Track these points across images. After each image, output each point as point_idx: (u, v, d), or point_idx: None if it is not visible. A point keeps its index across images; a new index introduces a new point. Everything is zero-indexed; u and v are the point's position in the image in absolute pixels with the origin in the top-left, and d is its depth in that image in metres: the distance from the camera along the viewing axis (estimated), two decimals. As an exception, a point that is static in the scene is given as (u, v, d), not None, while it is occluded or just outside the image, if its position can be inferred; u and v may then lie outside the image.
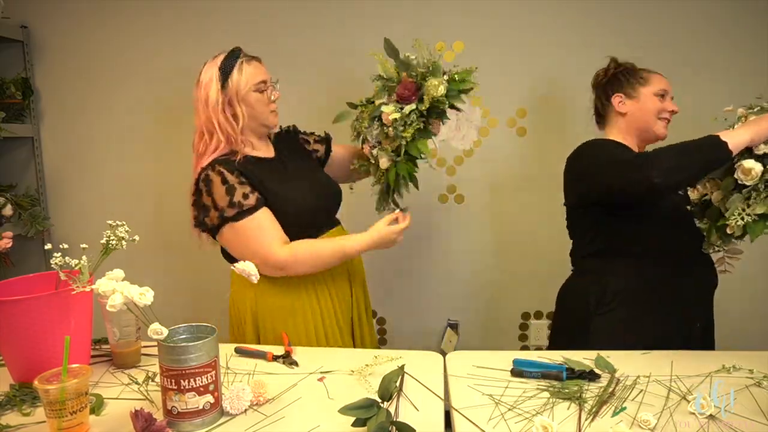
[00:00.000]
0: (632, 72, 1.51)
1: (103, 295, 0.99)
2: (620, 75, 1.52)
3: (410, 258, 2.23)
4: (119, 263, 1.17)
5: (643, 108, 1.48)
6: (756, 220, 1.19)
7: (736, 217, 1.21)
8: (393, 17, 2.08)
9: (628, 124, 1.51)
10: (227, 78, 1.40)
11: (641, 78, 1.49)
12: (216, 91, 1.39)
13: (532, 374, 1.15)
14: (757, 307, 2.14)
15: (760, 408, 1.02)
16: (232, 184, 1.35)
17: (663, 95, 1.47)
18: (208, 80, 1.41)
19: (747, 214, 1.20)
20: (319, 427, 0.98)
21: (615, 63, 1.57)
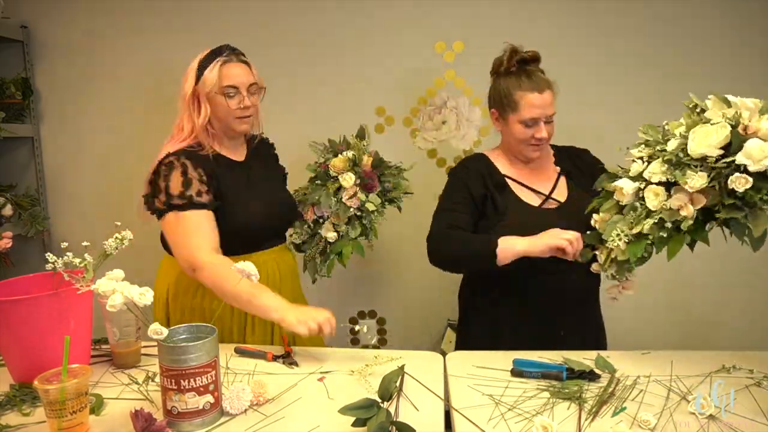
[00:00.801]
0: (509, 87, 1.42)
1: (103, 295, 0.99)
2: (501, 83, 1.44)
3: (410, 258, 2.22)
4: (118, 263, 1.17)
5: (509, 133, 1.46)
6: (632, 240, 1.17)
7: (614, 238, 1.19)
8: (393, 17, 2.08)
9: (503, 140, 1.53)
10: (201, 74, 1.41)
11: (512, 102, 1.41)
12: (190, 85, 1.42)
13: (532, 374, 1.15)
14: (757, 307, 2.14)
15: (760, 408, 1.02)
16: (190, 178, 1.36)
17: (532, 125, 1.40)
18: (188, 72, 1.44)
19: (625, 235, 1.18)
20: (319, 427, 0.98)
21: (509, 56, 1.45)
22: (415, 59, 2.09)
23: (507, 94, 1.42)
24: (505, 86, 1.43)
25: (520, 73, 1.43)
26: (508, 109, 1.42)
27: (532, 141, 1.42)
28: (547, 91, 1.40)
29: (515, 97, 1.40)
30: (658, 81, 2.03)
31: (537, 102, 1.39)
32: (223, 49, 1.43)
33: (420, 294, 2.26)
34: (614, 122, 1.98)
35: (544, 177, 1.51)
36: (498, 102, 1.46)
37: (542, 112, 1.39)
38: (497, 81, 1.47)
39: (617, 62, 2.04)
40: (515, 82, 1.41)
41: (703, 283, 2.12)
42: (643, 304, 2.11)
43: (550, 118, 1.42)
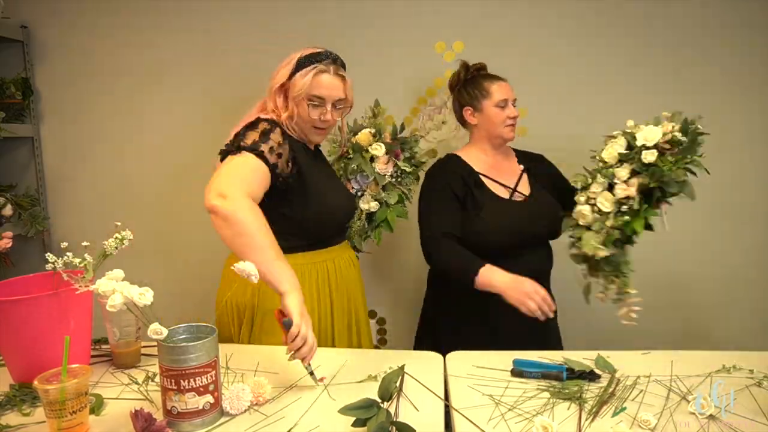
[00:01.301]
0: (476, 84, 1.66)
1: (103, 295, 0.99)
2: (467, 87, 1.67)
3: (410, 258, 2.22)
4: (118, 263, 1.17)
5: (488, 119, 1.65)
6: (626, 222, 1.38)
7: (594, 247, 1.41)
8: (393, 17, 2.08)
9: (480, 132, 1.69)
10: (295, 72, 1.40)
11: (484, 91, 1.64)
12: (281, 78, 1.42)
13: (532, 374, 1.15)
14: (757, 307, 2.14)
15: (760, 408, 1.02)
16: (268, 137, 1.33)
17: (503, 105, 1.63)
18: (285, 63, 1.44)
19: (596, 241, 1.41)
20: (319, 427, 0.98)
21: (464, 69, 1.70)
22: (415, 59, 2.09)
23: (477, 87, 1.65)
24: (473, 85, 1.67)
25: (479, 76, 1.68)
26: (482, 99, 1.64)
27: (507, 121, 1.64)
28: (505, 81, 1.67)
29: (485, 87, 1.64)
30: (657, 81, 2.03)
31: (506, 87, 1.65)
32: (324, 56, 1.42)
33: (420, 294, 2.25)
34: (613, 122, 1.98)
35: (510, 172, 1.69)
36: (470, 99, 1.67)
37: (510, 95, 1.65)
38: (461, 89, 1.70)
39: (617, 61, 2.04)
40: (481, 80, 1.66)
41: (703, 283, 2.12)
42: (643, 305, 2.11)
43: (514, 102, 1.66)
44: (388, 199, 1.75)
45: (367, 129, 1.76)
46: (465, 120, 1.71)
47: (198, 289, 2.30)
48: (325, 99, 1.41)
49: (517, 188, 1.66)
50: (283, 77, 1.42)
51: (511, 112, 1.64)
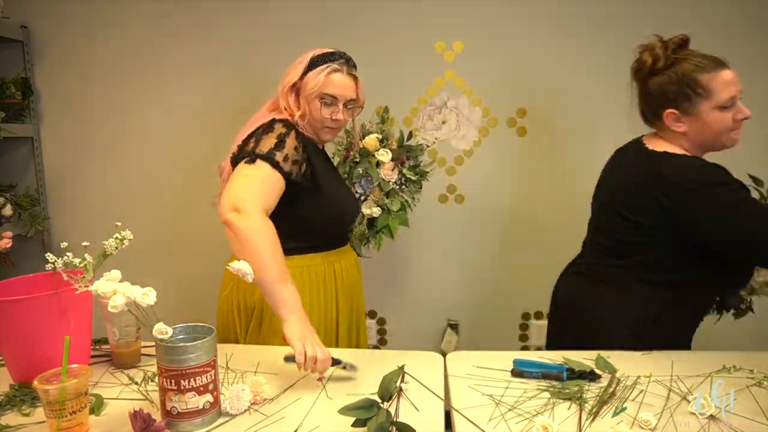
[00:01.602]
0: (687, 77, 1.22)
1: (103, 296, 0.99)
2: (670, 79, 1.24)
3: (410, 258, 2.23)
4: (118, 263, 1.17)
5: (705, 127, 1.23)
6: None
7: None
8: (393, 17, 2.08)
9: (690, 141, 1.27)
10: (308, 72, 1.41)
11: (700, 88, 1.20)
12: (294, 75, 1.41)
13: (533, 374, 1.15)
14: (757, 307, 2.14)
15: (761, 408, 1.02)
16: (284, 142, 1.31)
17: (730, 105, 1.21)
18: (299, 62, 1.43)
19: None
20: (319, 427, 0.98)
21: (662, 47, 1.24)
22: (415, 59, 2.09)
23: (689, 84, 1.21)
24: (680, 76, 1.22)
25: (686, 57, 1.23)
26: (697, 100, 1.21)
27: (733, 127, 1.23)
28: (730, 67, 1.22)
29: (703, 82, 1.20)
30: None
31: (730, 77, 1.20)
32: (338, 56, 1.43)
33: (420, 294, 2.26)
34: (613, 122, 1.98)
35: None
36: (675, 98, 1.23)
37: (738, 89, 1.21)
38: (658, 79, 1.26)
39: (617, 61, 2.03)
40: (692, 67, 1.21)
41: (704, 283, 2.12)
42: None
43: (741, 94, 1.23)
44: (391, 205, 1.74)
45: (375, 134, 1.76)
46: (662, 123, 1.28)
47: (198, 290, 2.30)
48: (338, 98, 1.41)
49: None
50: (295, 76, 1.41)
51: (739, 113, 1.21)
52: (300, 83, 1.41)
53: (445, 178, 2.18)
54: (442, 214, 2.19)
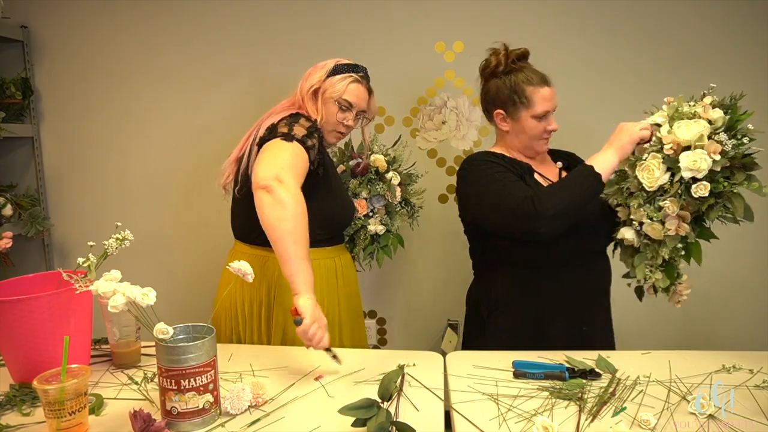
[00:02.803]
0: (516, 87, 1.41)
1: (103, 296, 0.99)
2: (504, 85, 1.42)
3: (410, 258, 2.23)
4: (118, 263, 1.17)
5: (522, 130, 1.44)
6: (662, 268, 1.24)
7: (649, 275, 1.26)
8: (393, 17, 2.08)
9: (510, 140, 1.48)
10: (330, 76, 1.49)
11: (525, 98, 1.40)
12: (319, 79, 1.48)
13: (535, 376, 1.15)
14: (756, 307, 2.14)
15: (760, 408, 1.02)
16: (312, 134, 1.37)
17: (544, 117, 1.41)
18: (320, 67, 1.51)
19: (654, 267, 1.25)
20: (319, 427, 0.98)
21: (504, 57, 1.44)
22: (415, 59, 2.09)
23: (517, 92, 1.41)
24: (512, 84, 1.41)
25: (520, 69, 1.43)
26: (520, 107, 1.41)
27: (544, 135, 1.44)
28: (551, 86, 1.43)
29: (527, 93, 1.40)
30: (658, 78, 2.03)
31: (549, 95, 1.41)
32: (360, 69, 1.54)
33: (420, 294, 2.26)
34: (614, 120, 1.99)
35: (549, 171, 1.52)
36: (505, 101, 1.43)
37: (553, 105, 1.42)
38: (496, 81, 1.45)
39: (618, 60, 2.04)
40: (523, 78, 1.41)
41: (703, 283, 2.12)
42: (644, 305, 2.11)
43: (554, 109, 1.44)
44: (391, 226, 1.81)
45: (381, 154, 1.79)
46: (493, 119, 1.50)
47: (198, 290, 2.30)
48: (353, 105, 1.51)
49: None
50: (318, 80, 1.48)
51: (550, 125, 1.43)
52: (321, 86, 1.48)
53: (445, 178, 2.17)
54: (442, 214, 2.19)
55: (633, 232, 1.27)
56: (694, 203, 1.16)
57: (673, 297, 1.33)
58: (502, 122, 1.47)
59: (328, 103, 1.48)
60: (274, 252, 1.20)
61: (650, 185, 1.18)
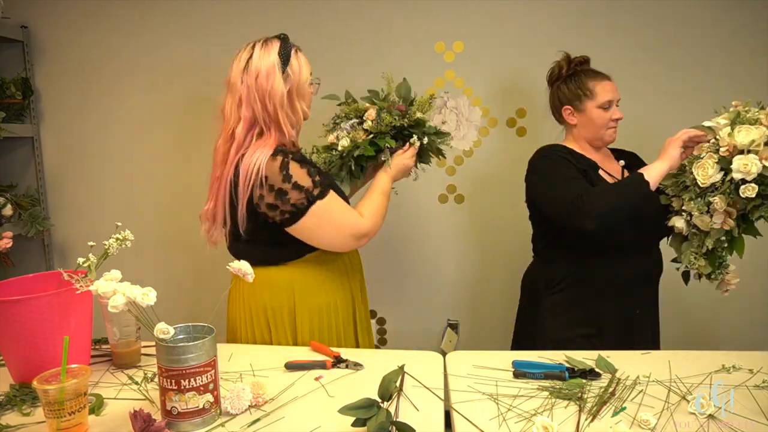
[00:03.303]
0: (579, 82, 1.57)
1: (103, 296, 0.99)
2: (569, 85, 1.59)
3: (410, 258, 2.23)
4: (118, 263, 1.17)
5: (589, 121, 1.56)
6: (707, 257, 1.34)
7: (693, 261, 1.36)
8: (393, 17, 2.08)
9: (579, 133, 1.61)
10: (287, 66, 1.31)
11: (588, 91, 1.55)
12: (280, 82, 1.30)
13: (535, 376, 1.15)
14: (756, 307, 2.14)
15: (760, 408, 1.02)
16: (310, 167, 1.32)
17: (608, 107, 1.54)
18: (269, 68, 1.29)
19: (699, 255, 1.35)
20: (319, 427, 0.98)
21: (566, 62, 1.61)
22: (415, 59, 2.09)
23: (581, 86, 1.56)
24: (576, 82, 1.57)
25: (583, 71, 1.59)
26: (585, 99, 1.55)
27: (610, 124, 1.55)
28: (612, 80, 1.57)
29: (590, 87, 1.55)
30: (661, 81, 2.03)
31: (610, 87, 1.55)
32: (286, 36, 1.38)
33: (420, 294, 2.26)
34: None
35: (613, 167, 1.61)
36: (571, 97, 1.58)
37: (615, 96, 1.55)
38: (561, 85, 1.61)
39: (617, 61, 2.04)
40: (585, 77, 1.57)
41: (703, 282, 2.12)
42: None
43: (618, 103, 1.57)
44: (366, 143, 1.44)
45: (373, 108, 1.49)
46: (563, 118, 1.63)
47: (197, 290, 2.30)
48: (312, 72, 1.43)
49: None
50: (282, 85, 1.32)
51: (615, 114, 1.55)
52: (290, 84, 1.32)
53: (445, 178, 2.18)
54: (442, 214, 2.19)
55: (683, 221, 1.36)
56: (741, 201, 1.24)
57: (721, 285, 1.42)
58: (571, 117, 1.60)
59: (304, 92, 1.36)
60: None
61: (703, 182, 1.27)
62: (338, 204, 1.35)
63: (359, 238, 1.37)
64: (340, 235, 1.35)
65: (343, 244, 1.37)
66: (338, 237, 1.35)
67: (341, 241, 1.36)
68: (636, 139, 1.73)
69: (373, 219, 1.39)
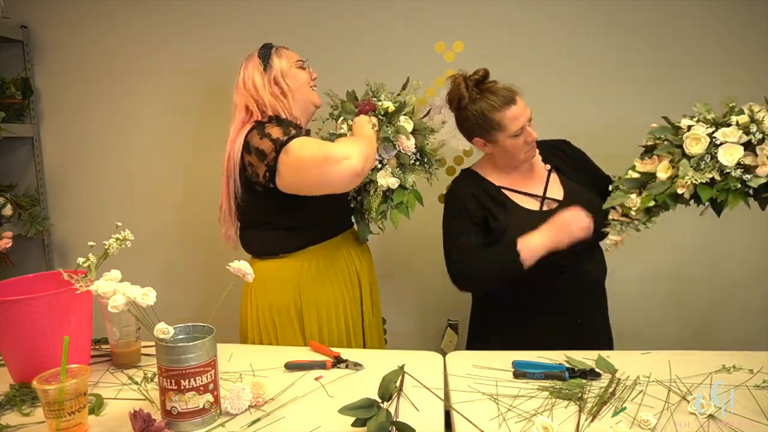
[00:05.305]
0: (484, 118, 1.43)
1: (103, 296, 0.99)
2: (474, 117, 1.44)
3: (410, 258, 2.23)
4: (118, 263, 1.17)
5: (504, 151, 1.47)
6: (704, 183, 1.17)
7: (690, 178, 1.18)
8: (393, 17, 2.08)
9: (496, 159, 1.53)
10: (267, 62, 1.47)
11: (495, 124, 1.42)
12: (260, 75, 1.46)
13: (535, 376, 1.15)
14: (756, 307, 2.14)
15: (760, 408, 1.02)
16: (285, 124, 1.39)
17: (520, 133, 1.42)
18: (251, 71, 1.47)
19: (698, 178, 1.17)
20: (319, 427, 0.98)
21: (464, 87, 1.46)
22: (415, 59, 2.09)
23: (486, 120, 1.43)
24: (479, 114, 1.43)
25: (483, 95, 1.44)
26: (494, 132, 1.44)
27: (526, 147, 1.46)
28: (517, 99, 1.43)
29: (496, 119, 1.42)
30: (662, 81, 2.03)
31: (517, 113, 1.41)
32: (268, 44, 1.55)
33: (420, 294, 2.26)
34: (613, 118, 1.99)
35: (536, 179, 1.53)
36: (479, 130, 1.46)
37: (524, 118, 1.42)
38: (465, 113, 1.47)
39: (618, 60, 2.04)
40: (487, 106, 1.42)
41: (703, 282, 2.12)
42: (644, 305, 2.11)
43: (530, 121, 1.45)
44: (405, 181, 1.51)
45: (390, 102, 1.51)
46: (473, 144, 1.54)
47: (198, 290, 2.30)
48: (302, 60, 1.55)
49: (547, 194, 1.49)
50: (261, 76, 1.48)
51: (529, 137, 1.44)
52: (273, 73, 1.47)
53: (445, 178, 2.17)
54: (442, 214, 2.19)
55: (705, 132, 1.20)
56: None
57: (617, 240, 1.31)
58: (484, 147, 1.51)
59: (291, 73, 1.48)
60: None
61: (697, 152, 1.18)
62: (307, 142, 1.33)
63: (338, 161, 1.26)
64: (315, 167, 1.28)
65: (324, 174, 1.27)
66: (315, 170, 1.28)
67: (320, 172, 1.28)
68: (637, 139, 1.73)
69: (347, 143, 1.32)
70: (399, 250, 2.21)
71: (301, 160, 1.30)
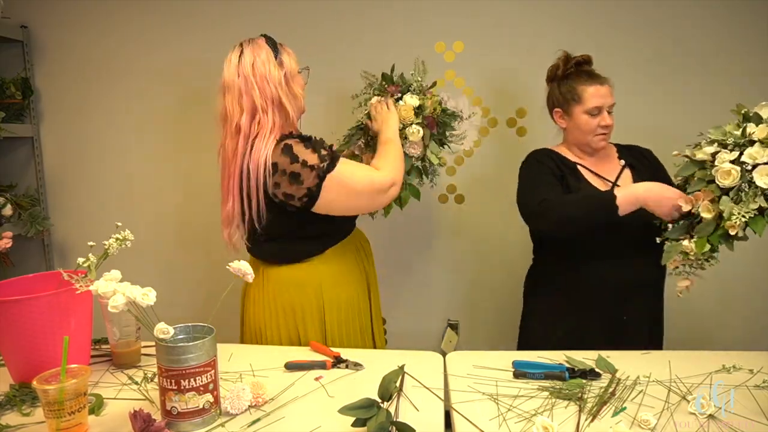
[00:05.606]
0: (570, 86, 1.52)
1: (103, 296, 0.99)
2: (562, 87, 1.55)
3: (410, 258, 2.23)
4: (119, 263, 1.17)
5: (576, 126, 1.53)
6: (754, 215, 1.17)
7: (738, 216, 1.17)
8: (393, 17, 2.08)
9: (568, 136, 1.59)
10: (278, 54, 1.35)
11: (576, 96, 1.51)
12: (276, 67, 1.33)
13: (535, 376, 1.15)
14: (756, 307, 2.14)
15: (760, 408, 1.02)
16: (313, 145, 1.31)
17: (596, 113, 1.49)
18: (263, 56, 1.32)
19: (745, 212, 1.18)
20: (319, 427, 0.98)
21: (563, 62, 1.56)
22: (415, 59, 2.08)
23: (570, 90, 1.52)
24: (568, 85, 1.53)
25: (578, 73, 1.54)
26: (573, 103, 1.52)
27: (598, 130, 1.51)
28: (606, 84, 1.51)
29: (578, 91, 1.51)
30: (661, 77, 2.03)
31: (599, 92, 1.49)
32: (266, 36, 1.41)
33: (420, 294, 2.26)
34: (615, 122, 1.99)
35: (610, 167, 1.57)
36: (561, 100, 1.55)
37: (604, 101, 1.49)
38: (556, 84, 1.57)
39: (617, 61, 2.04)
40: (577, 80, 1.52)
41: (704, 282, 2.12)
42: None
43: (611, 108, 1.51)
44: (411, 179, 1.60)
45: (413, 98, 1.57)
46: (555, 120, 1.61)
47: (198, 290, 2.30)
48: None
49: (618, 183, 1.52)
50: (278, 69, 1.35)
51: (603, 121, 1.49)
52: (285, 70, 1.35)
53: (445, 178, 2.17)
54: (442, 214, 2.19)
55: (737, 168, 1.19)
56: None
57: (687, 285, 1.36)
58: (560, 119, 1.58)
59: (297, 79, 1.39)
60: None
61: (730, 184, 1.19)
62: (350, 167, 1.33)
63: (386, 191, 1.36)
64: (365, 195, 1.34)
65: (373, 202, 1.38)
66: (364, 198, 1.35)
67: (369, 201, 1.37)
68: (636, 140, 1.73)
69: (389, 167, 1.38)
70: (399, 250, 2.21)
71: (351, 189, 1.32)
